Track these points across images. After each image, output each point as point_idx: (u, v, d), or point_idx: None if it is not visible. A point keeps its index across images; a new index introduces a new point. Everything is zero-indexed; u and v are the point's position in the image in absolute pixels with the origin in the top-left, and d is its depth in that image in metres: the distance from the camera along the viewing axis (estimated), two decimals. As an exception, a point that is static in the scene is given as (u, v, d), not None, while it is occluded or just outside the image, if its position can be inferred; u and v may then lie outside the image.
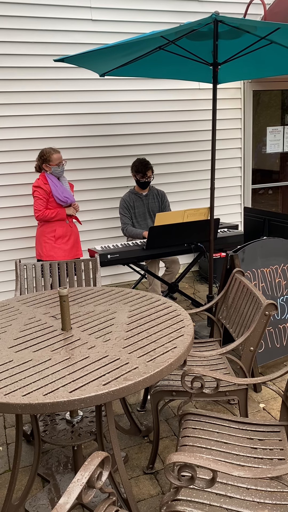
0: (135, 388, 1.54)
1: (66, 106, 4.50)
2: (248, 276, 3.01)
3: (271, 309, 2.07)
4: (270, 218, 3.65)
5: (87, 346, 1.84)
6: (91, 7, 4.41)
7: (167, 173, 5.11)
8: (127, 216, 4.18)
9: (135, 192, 4.23)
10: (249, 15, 5.02)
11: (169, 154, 5.09)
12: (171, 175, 5.15)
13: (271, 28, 2.89)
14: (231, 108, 5.32)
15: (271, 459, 1.67)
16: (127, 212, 4.18)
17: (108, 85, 4.63)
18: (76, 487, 1.11)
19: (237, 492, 1.49)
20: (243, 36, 3.22)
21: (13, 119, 4.32)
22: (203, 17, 3.22)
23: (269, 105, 5.68)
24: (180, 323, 2.03)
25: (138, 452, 2.42)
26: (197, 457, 1.33)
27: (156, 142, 4.99)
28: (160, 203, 4.32)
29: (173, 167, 5.14)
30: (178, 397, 2.15)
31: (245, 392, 2.14)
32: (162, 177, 5.08)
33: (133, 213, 4.21)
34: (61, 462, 2.34)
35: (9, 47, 4.19)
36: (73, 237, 3.83)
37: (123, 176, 4.88)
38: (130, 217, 4.20)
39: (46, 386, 1.54)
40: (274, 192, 6.10)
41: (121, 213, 4.21)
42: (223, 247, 4.02)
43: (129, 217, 4.19)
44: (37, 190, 3.65)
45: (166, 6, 4.72)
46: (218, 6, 4.95)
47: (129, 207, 4.19)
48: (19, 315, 2.25)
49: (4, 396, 1.49)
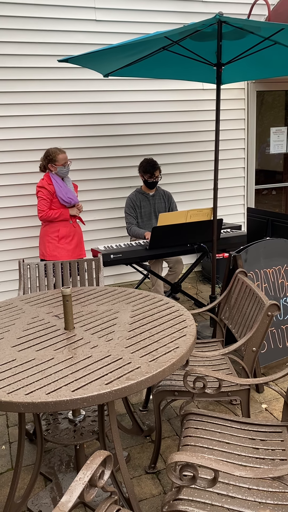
0: (138, 387, 1.55)
1: (70, 106, 4.51)
2: (251, 277, 3.01)
3: (273, 310, 2.07)
4: (274, 219, 3.64)
5: (89, 346, 1.85)
6: (95, 7, 4.42)
7: (170, 173, 5.11)
8: (132, 215, 4.19)
9: (142, 191, 4.23)
10: (253, 15, 5.02)
11: (172, 155, 5.09)
12: (175, 175, 5.15)
13: (275, 29, 2.89)
14: (235, 109, 5.32)
15: (273, 459, 1.67)
16: (132, 212, 4.19)
17: (112, 85, 4.64)
18: (78, 486, 1.12)
19: (238, 492, 1.49)
20: (247, 37, 3.22)
21: (17, 119, 4.33)
22: (207, 18, 3.22)
23: (272, 106, 5.68)
24: (183, 323, 2.03)
25: (140, 452, 2.42)
26: (199, 457, 1.34)
27: (159, 142, 4.99)
28: (167, 204, 4.32)
29: (176, 167, 5.14)
30: (180, 397, 2.15)
31: (247, 392, 2.15)
32: (166, 177, 5.08)
33: (139, 213, 4.21)
34: (63, 461, 2.35)
35: (13, 47, 4.20)
36: (76, 237, 3.84)
37: (126, 176, 4.89)
38: (135, 216, 4.20)
39: (49, 385, 1.55)
40: (278, 193, 6.09)
41: (126, 212, 4.21)
42: (226, 247, 4.02)
43: (134, 216, 4.20)
44: (41, 191, 3.66)
45: (170, 7, 4.73)
46: (222, 6, 4.95)
47: (135, 206, 4.19)
48: (23, 314, 2.26)
49: (7, 395, 1.50)
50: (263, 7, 5.07)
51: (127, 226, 4.19)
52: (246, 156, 5.51)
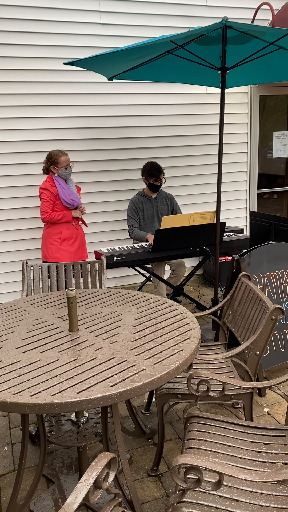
0: (142, 390, 1.55)
1: (74, 109, 4.53)
2: (254, 280, 3.02)
3: (277, 314, 2.07)
4: (276, 223, 3.65)
5: (94, 348, 1.85)
6: (100, 11, 4.45)
7: (173, 176, 5.13)
8: (134, 218, 4.20)
9: (145, 194, 4.25)
10: (257, 20, 5.04)
11: (176, 158, 5.11)
12: (178, 178, 5.17)
13: (279, 34, 2.91)
14: (238, 113, 5.33)
15: (275, 463, 1.67)
16: (134, 215, 4.20)
17: (116, 88, 4.66)
18: (83, 487, 1.12)
19: (242, 495, 1.50)
20: (252, 42, 3.24)
21: (21, 121, 4.35)
22: (212, 22, 3.24)
23: (275, 110, 5.70)
24: (187, 326, 2.04)
25: (142, 454, 2.42)
26: (204, 460, 1.34)
27: (163, 145, 5.01)
28: (170, 206, 4.33)
29: (179, 170, 5.16)
30: (183, 399, 2.15)
31: (250, 396, 2.15)
32: (169, 180, 5.09)
33: (142, 216, 4.22)
34: (66, 463, 2.35)
35: (18, 49, 4.22)
36: (79, 239, 3.85)
37: (129, 179, 4.90)
38: (137, 219, 4.21)
39: (54, 386, 1.55)
40: (280, 197, 6.10)
41: (128, 215, 4.22)
42: (229, 250, 4.03)
43: (136, 219, 4.20)
44: (44, 192, 3.67)
45: (175, 11, 4.75)
46: (226, 11, 4.98)
47: (138, 209, 4.20)
48: (27, 315, 2.27)
49: (13, 396, 1.50)
50: (267, 12, 5.10)
51: (129, 229, 4.20)
52: (248, 160, 5.52)
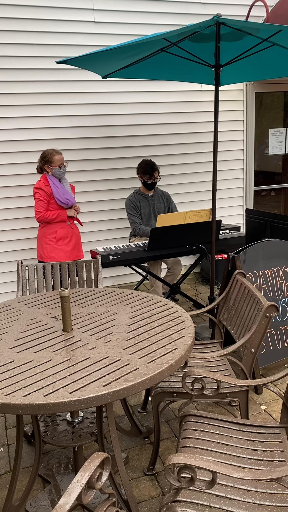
0: (136, 389, 1.54)
1: (68, 108, 4.51)
2: (249, 278, 3.01)
3: (272, 311, 2.07)
4: (272, 220, 3.64)
5: (88, 347, 1.84)
6: (93, 9, 4.43)
7: (169, 174, 5.11)
8: (136, 215, 4.18)
9: (141, 192, 4.24)
10: (251, 17, 5.02)
11: (171, 156, 5.09)
12: (173, 176, 5.15)
13: (273, 30, 2.90)
14: (233, 110, 5.32)
15: (271, 460, 1.67)
16: (135, 212, 4.18)
17: (111, 86, 4.64)
18: (76, 488, 1.11)
19: (237, 493, 1.49)
20: (245, 38, 3.23)
21: (15, 121, 4.33)
22: (206, 19, 3.22)
23: (271, 107, 5.69)
24: (181, 324, 2.03)
25: (138, 454, 2.42)
26: (197, 459, 1.33)
27: (158, 143, 4.99)
28: (166, 204, 4.32)
29: (175, 168, 5.14)
30: (178, 398, 2.15)
31: (246, 393, 2.14)
32: (164, 178, 5.08)
33: (139, 214, 4.21)
34: (62, 463, 2.34)
35: (11, 48, 4.20)
36: (74, 238, 3.84)
37: (124, 177, 4.89)
38: (139, 216, 4.20)
39: (47, 386, 1.54)
40: (276, 194, 6.09)
41: (129, 213, 4.20)
42: (225, 248, 4.03)
43: (138, 216, 4.19)
44: (38, 192, 3.66)
45: (169, 9, 4.73)
46: (220, 8, 4.96)
47: (136, 207, 4.19)
48: (21, 316, 2.26)
49: (5, 397, 1.49)
50: (261, 9, 5.08)
51: (134, 226, 4.17)
52: (244, 157, 5.52)
